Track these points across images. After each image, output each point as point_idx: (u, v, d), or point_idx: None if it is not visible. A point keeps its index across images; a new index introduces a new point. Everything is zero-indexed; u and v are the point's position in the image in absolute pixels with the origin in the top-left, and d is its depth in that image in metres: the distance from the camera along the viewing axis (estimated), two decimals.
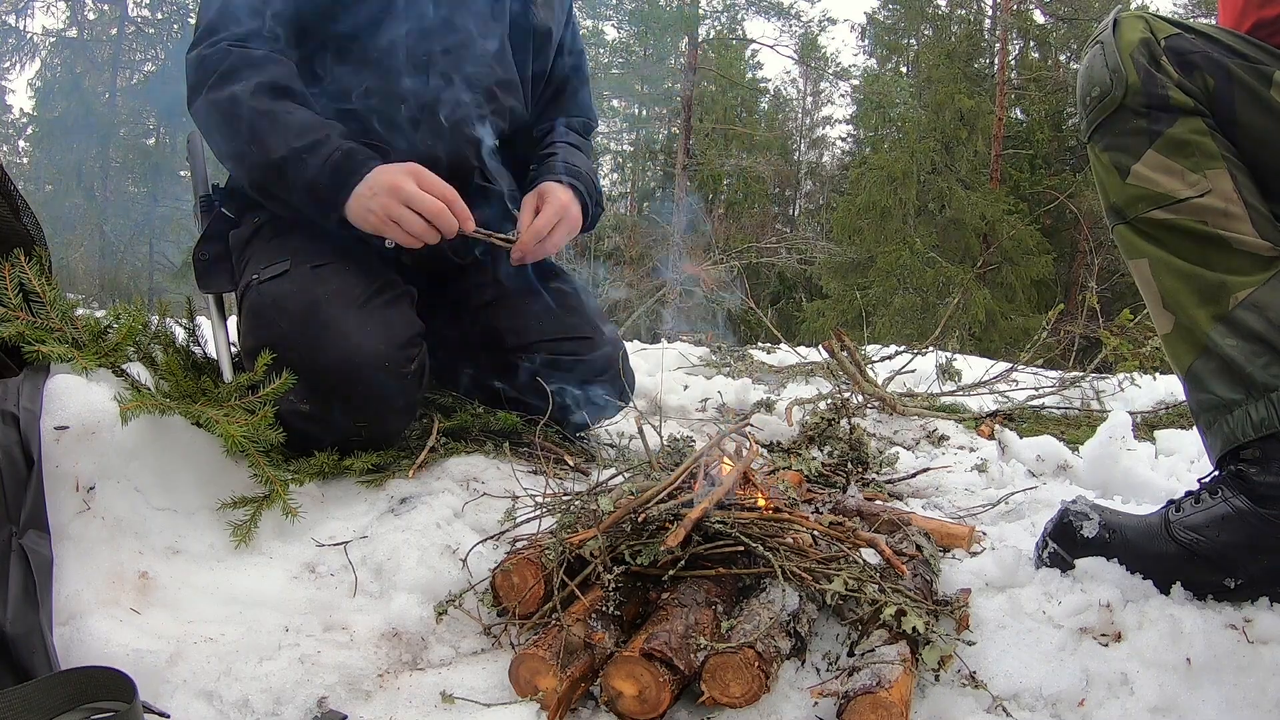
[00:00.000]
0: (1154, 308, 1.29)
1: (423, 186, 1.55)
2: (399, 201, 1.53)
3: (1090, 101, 1.29)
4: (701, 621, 1.07)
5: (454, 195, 1.59)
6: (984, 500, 1.87)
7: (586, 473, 1.78)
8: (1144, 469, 2.01)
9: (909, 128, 19.21)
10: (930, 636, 1.06)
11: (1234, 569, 1.19)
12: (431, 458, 1.63)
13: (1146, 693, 1.05)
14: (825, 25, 23.79)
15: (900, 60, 23.96)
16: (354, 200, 1.55)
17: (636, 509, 1.16)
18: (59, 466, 1.18)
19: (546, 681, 1.00)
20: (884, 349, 4.19)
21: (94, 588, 1.08)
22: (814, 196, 28.30)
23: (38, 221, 1.50)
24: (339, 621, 1.14)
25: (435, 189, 1.57)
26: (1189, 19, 1.32)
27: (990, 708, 1.04)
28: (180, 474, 1.32)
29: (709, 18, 22.02)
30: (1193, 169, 1.21)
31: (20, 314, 1.25)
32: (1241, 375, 1.18)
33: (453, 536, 1.36)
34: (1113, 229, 1.32)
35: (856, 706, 0.93)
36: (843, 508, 1.56)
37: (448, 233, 1.58)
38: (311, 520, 1.38)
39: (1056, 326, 4.13)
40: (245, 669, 1.00)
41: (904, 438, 2.55)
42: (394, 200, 1.53)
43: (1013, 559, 1.35)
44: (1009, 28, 20.11)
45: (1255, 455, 1.20)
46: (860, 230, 19.11)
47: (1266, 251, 1.19)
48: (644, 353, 3.91)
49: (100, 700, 0.86)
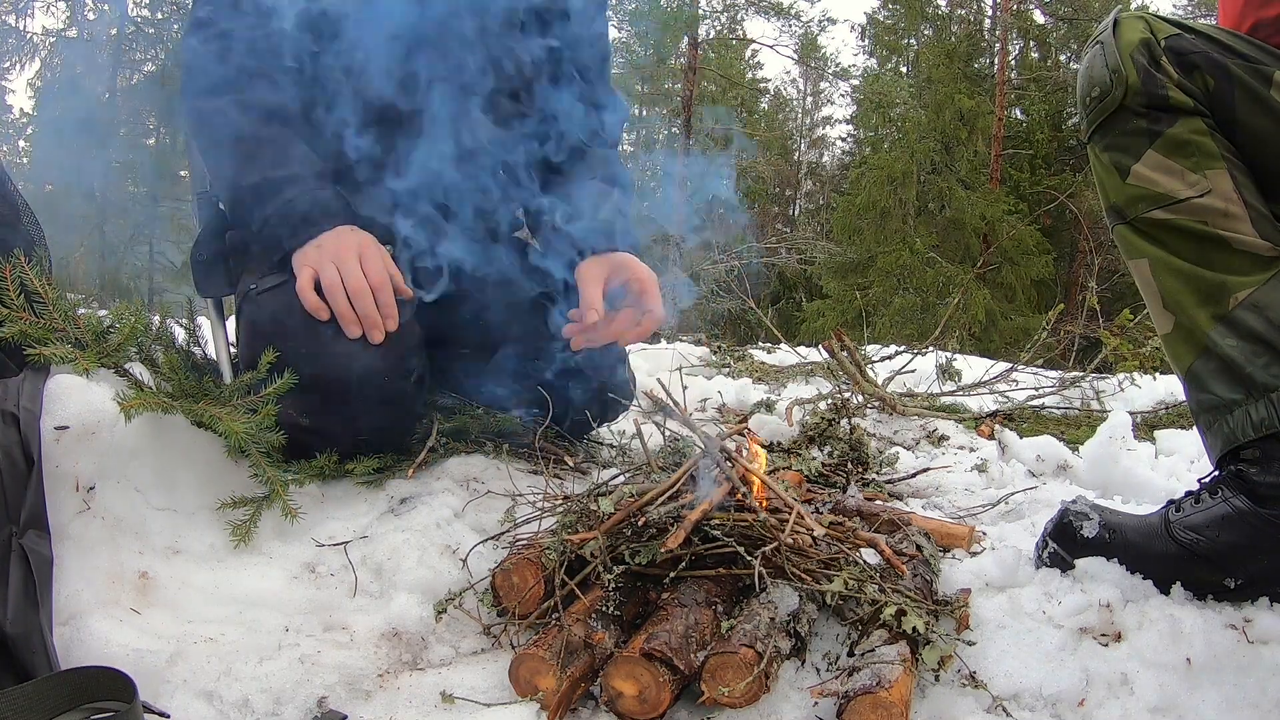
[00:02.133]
0: (1154, 308, 1.29)
1: (365, 265, 1.43)
2: (334, 269, 1.41)
3: (1090, 102, 1.29)
4: (701, 621, 1.07)
5: (384, 283, 1.44)
6: (984, 500, 1.87)
7: (586, 472, 1.78)
8: (1144, 469, 2.01)
9: (909, 128, 19.20)
10: (930, 636, 1.06)
11: (1234, 569, 1.19)
12: (431, 458, 1.62)
13: (1146, 693, 1.05)
14: (825, 26, 23.80)
15: (900, 60, 23.94)
16: (298, 254, 1.47)
17: (637, 511, 1.16)
18: (59, 466, 1.18)
19: (546, 681, 1.00)
20: (884, 349, 4.19)
21: (94, 588, 1.08)
22: (814, 196, 28.30)
23: (38, 222, 1.50)
24: (339, 621, 1.14)
25: (371, 272, 1.43)
26: (1189, 19, 1.32)
27: (990, 708, 1.04)
28: (180, 474, 1.32)
29: (709, 18, 22.03)
30: (1193, 169, 1.21)
31: (23, 314, 1.25)
32: (1241, 375, 1.18)
33: (453, 536, 1.36)
34: (1113, 229, 1.32)
35: (856, 706, 0.93)
36: (842, 508, 1.56)
37: (367, 322, 1.42)
38: (311, 520, 1.38)
39: (1056, 326, 4.13)
40: (245, 669, 1.00)
41: (904, 438, 2.55)
42: (330, 266, 1.41)
43: (1013, 559, 1.35)
44: (1009, 28, 20.11)
45: (1255, 455, 1.20)
46: (860, 230, 19.11)
47: (1266, 251, 1.19)
48: (644, 353, 3.91)
49: (100, 700, 0.86)
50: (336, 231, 1.47)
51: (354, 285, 1.42)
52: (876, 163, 19.62)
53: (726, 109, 22.54)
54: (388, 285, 1.45)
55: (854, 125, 26.33)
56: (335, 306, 1.42)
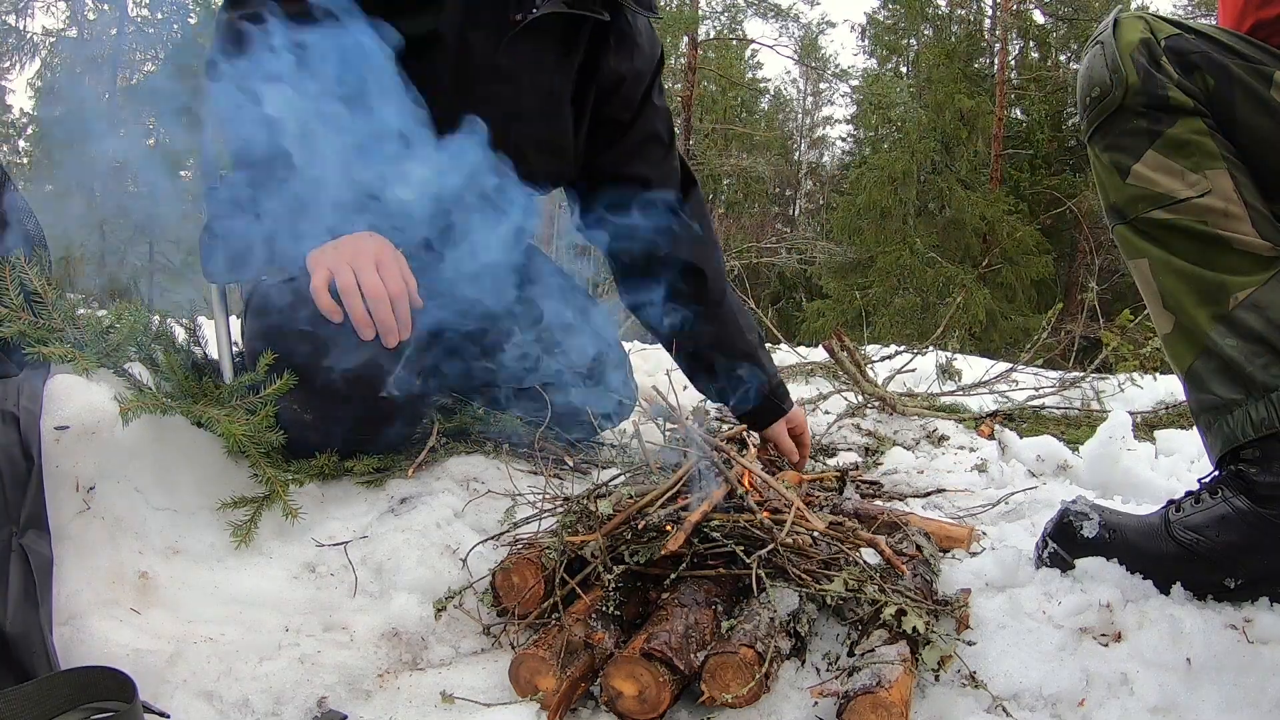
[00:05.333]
0: (1154, 308, 1.29)
1: (381, 271, 1.40)
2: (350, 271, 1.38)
3: (1090, 102, 1.29)
4: (701, 621, 1.07)
5: (402, 293, 1.41)
6: (984, 500, 1.87)
7: (586, 473, 1.78)
8: (1144, 469, 2.01)
9: (909, 128, 19.21)
10: (930, 636, 1.06)
11: (1234, 569, 1.19)
12: (431, 458, 1.62)
13: (1146, 693, 1.05)
14: (824, 28, 23.84)
15: (900, 60, 23.95)
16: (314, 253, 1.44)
17: (636, 514, 1.16)
18: (59, 466, 1.18)
19: (546, 681, 1.00)
20: (884, 349, 4.18)
21: (94, 588, 1.08)
22: (814, 196, 28.29)
23: (38, 222, 1.50)
24: (339, 621, 1.14)
25: (389, 280, 1.40)
26: (1189, 19, 1.32)
27: (990, 708, 1.04)
28: (180, 474, 1.32)
29: (709, 18, 22.03)
30: (1193, 169, 1.21)
31: (23, 314, 1.26)
32: (1241, 375, 1.18)
33: (453, 536, 1.36)
34: (1113, 229, 1.32)
35: (856, 706, 0.93)
36: (842, 508, 1.56)
37: (382, 328, 1.40)
38: (311, 520, 1.38)
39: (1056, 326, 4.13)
40: (245, 669, 1.00)
41: (904, 438, 2.55)
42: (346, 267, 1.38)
43: (1013, 559, 1.35)
44: (1009, 28, 20.11)
45: (1255, 455, 1.20)
46: (860, 230, 19.10)
47: (1266, 251, 1.19)
48: (644, 353, 3.90)
49: (100, 700, 0.86)
50: (355, 235, 1.45)
51: (371, 290, 1.39)
52: (876, 163, 19.62)
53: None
54: (404, 294, 1.43)
55: (854, 125, 26.35)
56: (350, 310, 1.39)
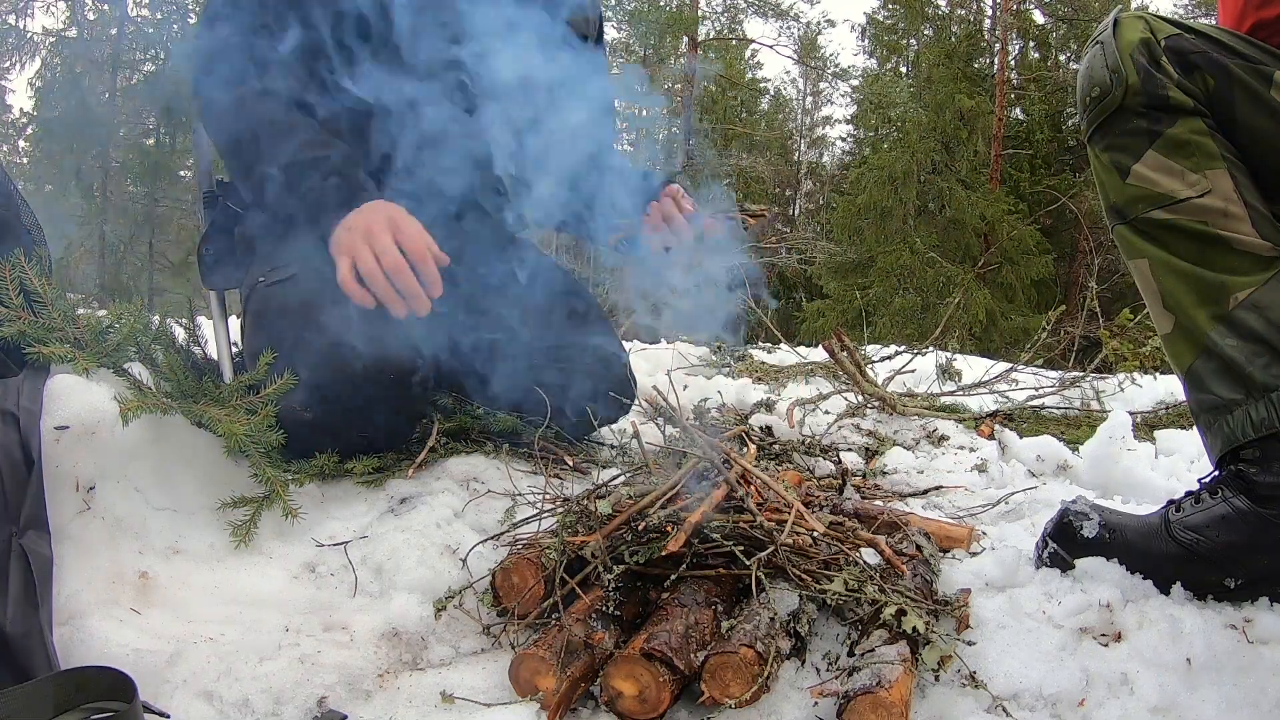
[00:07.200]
0: (1154, 308, 1.29)
1: (399, 238, 1.39)
2: (368, 251, 1.37)
3: (1090, 102, 1.29)
4: (701, 621, 1.07)
5: (423, 255, 1.39)
6: (984, 500, 1.87)
7: (586, 473, 1.78)
8: (1144, 469, 2.01)
9: (909, 128, 19.19)
10: (930, 636, 1.06)
11: (1234, 569, 1.19)
12: (431, 458, 1.62)
13: (1146, 693, 1.05)
14: (824, 28, 23.81)
15: (900, 60, 23.94)
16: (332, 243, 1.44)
17: (636, 514, 1.16)
18: (59, 466, 1.18)
19: (546, 681, 1.00)
20: (884, 349, 4.18)
21: (94, 588, 1.08)
22: (814, 196, 28.28)
23: (38, 222, 1.50)
24: (339, 621, 1.14)
25: (408, 244, 1.39)
26: (1189, 19, 1.32)
27: (990, 708, 1.04)
28: (180, 474, 1.32)
29: (709, 18, 22.02)
30: (1193, 169, 1.21)
31: (22, 314, 1.26)
32: (1241, 375, 1.18)
33: (453, 536, 1.36)
34: (1113, 229, 1.32)
35: (856, 706, 0.93)
36: (842, 508, 1.56)
37: (409, 296, 1.38)
38: (311, 520, 1.38)
39: (1056, 326, 4.13)
40: (245, 669, 1.00)
41: (904, 438, 2.55)
42: (364, 248, 1.38)
43: (1013, 559, 1.35)
44: (1009, 28, 20.09)
45: (1255, 455, 1.20)
46: (860, 230, 19.09)
47: (1266, 251, 1.19)
48: (644, 353, 3.90)
49: (100, 700, 0.86)
50: (362, 209, 1.44)
51: (391, 263, 1.37)
52: (876, 163, 19.61)
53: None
54: (427, 257, 1.40)
55: (854, 125, 26.35)
56: (377, 291, 1.38)
